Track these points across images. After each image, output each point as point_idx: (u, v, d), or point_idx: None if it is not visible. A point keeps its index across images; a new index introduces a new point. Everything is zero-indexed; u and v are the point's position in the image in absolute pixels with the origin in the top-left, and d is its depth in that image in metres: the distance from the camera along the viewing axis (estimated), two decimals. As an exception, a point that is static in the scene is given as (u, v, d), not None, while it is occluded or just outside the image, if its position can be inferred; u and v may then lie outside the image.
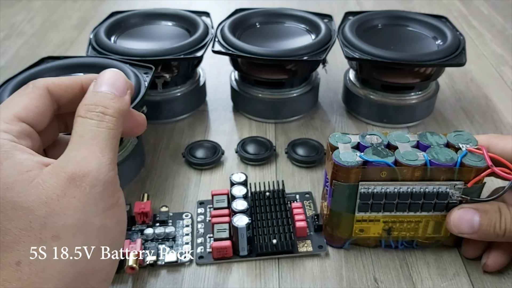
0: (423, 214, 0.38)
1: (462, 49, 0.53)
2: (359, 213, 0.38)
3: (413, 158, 0.36)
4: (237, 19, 0.59)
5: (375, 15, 0.60)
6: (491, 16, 0.89)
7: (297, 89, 0.57)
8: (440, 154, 0.36)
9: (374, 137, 0.39)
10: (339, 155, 0.36)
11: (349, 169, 0.36)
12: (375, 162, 0.36)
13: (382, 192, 0.37)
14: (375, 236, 0.40)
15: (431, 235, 0.40)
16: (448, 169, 0.36)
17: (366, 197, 0.37)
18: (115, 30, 0.58)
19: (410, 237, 0.40)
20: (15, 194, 0.23)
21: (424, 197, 0.37)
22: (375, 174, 0.36)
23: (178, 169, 0.51)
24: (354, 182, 0.36)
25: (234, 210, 0.40)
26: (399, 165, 0.36)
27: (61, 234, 0.24)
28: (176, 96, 0.57)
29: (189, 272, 0.39)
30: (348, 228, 0.40)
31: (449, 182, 0.36)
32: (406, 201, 0.38)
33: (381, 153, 0.36)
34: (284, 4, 0.92)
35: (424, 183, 0.36)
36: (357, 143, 0.38)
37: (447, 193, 0.37)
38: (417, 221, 0.39)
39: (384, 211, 0.38)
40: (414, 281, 0.38)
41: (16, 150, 0.25)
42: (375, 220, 0.39)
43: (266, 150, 0.52)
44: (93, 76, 0.29)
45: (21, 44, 0.78)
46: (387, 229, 0.39)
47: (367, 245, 0.41)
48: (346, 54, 0.53)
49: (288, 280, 0.39)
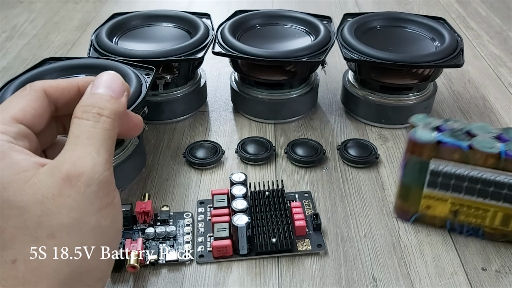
0: (492, 203, 0.39)
1: (460, 50, 0.53)
2: (427, 189, 0.41)
3: (489, 146, 0.38)
4: (237, 20, 0.59)
5: (373, 17, 0.60)
6: (489, 17, 0.89)
7: (297, 90, 0.57)
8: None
9: (457, 123, 0.41)
10: (416, 132, 0.39)
11: (422, 145, 0.39)
12: (449, 143, 0.38)
13: (452, 172, 0.39)
14: (441, 216, 0.42)
15: (498, 226, 0.41)
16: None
17: (436, 174, 0.40)
18: (116, 31, 0.58)
19: (477, 224, 0.41)
20: (11, 194, 0.24)
21: (494, 185, 0.38)
22: (447, 154, 0.38)
23: (179, 169, 0.51)
24: (426, 158, 0.39)
25: (234, 209, 0.40)
26: (472, 150, 0.38)
27: (56, 233, 0.24)
28: (177, 97, 0.58)
29: (189, 271, 0.40)
30: (415, 202, 0.42)
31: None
32: (475, 186, 0.39)
33: (458, 136, 0.39)
34: (283, 5, 0.92)
35: (496, 171, 0.38)
36: (438, 125, 0.40)
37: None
38: (485, 209, 0.40)
39: (452, 191, 0.40)
40: (412, 280, 0.39)
41: (13, 150, 0.25)
42: (442, 199, 0.41)
43: (265, 150, 0.52)
44: (90, 79, 0.29)
45: (23, 45, 0.78)
46: (454, 211, 0.41)
47: (433, 224, 0.43)
48: (345, 56, 0.53)
49: (288, 278, 0.39)
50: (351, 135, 0.56)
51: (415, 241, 0.42)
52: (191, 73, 0.59)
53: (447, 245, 0.42)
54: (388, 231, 0.43)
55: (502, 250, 0.41)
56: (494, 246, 0.42)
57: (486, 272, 0.39)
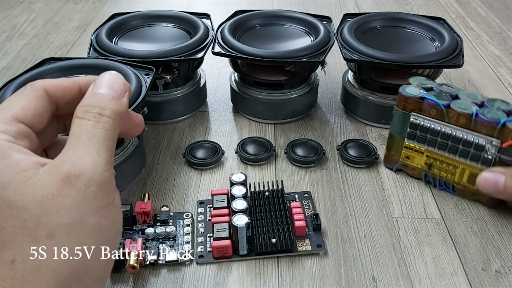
0: (461, 160, 0.44)
1: (459, 51, 0.53)
2: (407, 140, 0.46)
3: (464, 108, 0.42)
4: (237, 21, 0.59)
5: (373, 17, 0.60)
6: (489, 17, 0.89)
7: (297, 90, 0.57)
8: (490, 113, 0.41)
9: (449, 88, 0.45)
10: (406, 87, 0.45)
11: (406, 98, 0.44)
12: (429, 100, 0.43)
13: (428, 126, 0.44)
14: (418, 167, 0.47)
15: (466, 184, 0.45)
16: (490, 125, 0.41)
17: (414, 127, 0.45)
18: (116, 31, 0.58)
19: (448, 179, 0.46)
20: (10, 193, 0.24)
21: (463, 143, 0.43)
22: (426, 110, 0.44)
23: (179, 169, 0.51)
24: (409, 111, 0.45)
25: (234, 209, 0.40)
26: (448, 109, 0.42)
27: (56, 233, 0.24)
28: (177, 97, 0.58)
29: (189, 271, 0.40)
30: (398, 152, 0.48)
31: (488, 137, 0.41)
32: (446, 142, 0.44)
33: (441, 96, 0.43)
34: (283, 6, 0.93)
35: (466, 130, 0.42)
36: (431, 87, 0.45)
37: (483, 146, 0.42)
38: (454, 165, 0.45)
39: (428, 145, 0.45)
40: (412, 280, 0.39)
41: (13, 150, 0.25)
42: (419, 151, 0.46)
43: (265, 150, 0.52)
44: (92, 78, 0.29)
45: (22, 46, 0.78)
46: (429, 163, 0.46)
47: (412, 175, 0.49)
48: (345, 56, 0.53)
49: (288, 279, 0.39)
50: (351, 135, 0.56)
51: (415, 241, 0.42)
52: (191, 73, 0.59)
53: (447, 245, 0.42)
54: (388, 231, 0.43)
55: (502, 250, 0.41)
56: (494, 246, 0.42)
57: (486, 272, 0.39)
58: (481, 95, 0.44)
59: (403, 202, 0.47)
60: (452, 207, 0.46)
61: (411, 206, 0.46)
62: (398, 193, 0.48)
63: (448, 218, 0.45)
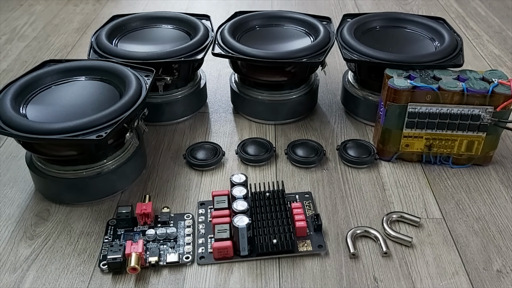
0: (458, 133, 0.48)
1: (459, 50, 0.53)
2: (406, 129, 0.48)
3: (453, 86, 0.46)
4: (236, 22, 0.59)
5: (373, 17, 0.60)
6: (488, 17, 0.89)
7: (297, 90, 0.57)
8: (476, 84, 0.46)
9: (422, 71, 0.49)
10: (394, 81, 0.47)
11: (401, 91, 0.46)
12: (422, 87, 0.46)
13: (426, 112, 0.47)
14: (418, 151, 0.50)
15: (464, 152, 0.49)
16: (482, 95, 0.45)
17: (413, 116, 0.47)
18: (116, 33, 0.58)
19: (447, 153, 0.50)
20: None
21: (460, 118, 0.47)
22: (421, 97, 0.46)
23: (179, 170, 0.51)
24: (404, 103, 0.47)
25: (234, 210, 0.40)
26: (441, 91, 0.46)
27: None
28: (177, 99, 0.58)
29: (190, 272, 0.40)
30: (396, 143, 0.50)
31: (482, 106, 0.46)
32: (445, 121, 0.47)
33: (427, 81, 0.46)
34: (283, 6, 0.93)
35: (461, 106, 0.46)
36: (408, 74, 0.48)
37: (479, 115, 0.46)
38: (453, 139, 0.48)
39: (427, 129, 0.48)
40: (413, 280, 0.39)
41: None
42: (419, 136, 0.49)
43: (266, 151, 0.52)
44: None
45: (23, 48, 0.78)
46: (429, 145, 0.49)
47: (411, 159, 0.51)
48: (345, 56, 0.53)
49: (289, 279, 0.39)
50: (351, 135, 0.56)
51: (416, 241, 0.42)
52: (191, 75, 0.59)
53: (448, 245, 0.42)
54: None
55: (503, 250, 0.41)
56: (495, 246, 0.42)
57: (487, 272, 0.39)
58: (450, 70, 0.49)
59: (404, 202, 0.47)
60: (453, 207, 0.46)
61: (412, 206, 0.46)
62: (399, 192, 0.48)
63: (449, 218, 0.45)
